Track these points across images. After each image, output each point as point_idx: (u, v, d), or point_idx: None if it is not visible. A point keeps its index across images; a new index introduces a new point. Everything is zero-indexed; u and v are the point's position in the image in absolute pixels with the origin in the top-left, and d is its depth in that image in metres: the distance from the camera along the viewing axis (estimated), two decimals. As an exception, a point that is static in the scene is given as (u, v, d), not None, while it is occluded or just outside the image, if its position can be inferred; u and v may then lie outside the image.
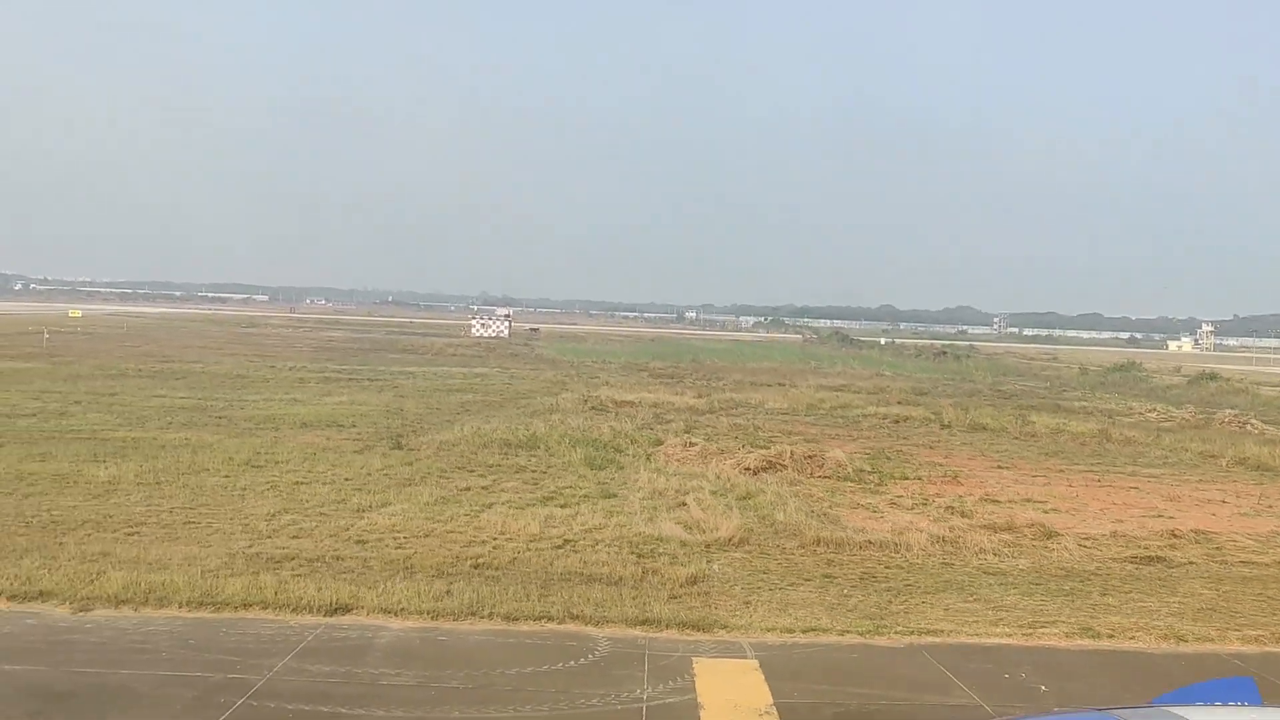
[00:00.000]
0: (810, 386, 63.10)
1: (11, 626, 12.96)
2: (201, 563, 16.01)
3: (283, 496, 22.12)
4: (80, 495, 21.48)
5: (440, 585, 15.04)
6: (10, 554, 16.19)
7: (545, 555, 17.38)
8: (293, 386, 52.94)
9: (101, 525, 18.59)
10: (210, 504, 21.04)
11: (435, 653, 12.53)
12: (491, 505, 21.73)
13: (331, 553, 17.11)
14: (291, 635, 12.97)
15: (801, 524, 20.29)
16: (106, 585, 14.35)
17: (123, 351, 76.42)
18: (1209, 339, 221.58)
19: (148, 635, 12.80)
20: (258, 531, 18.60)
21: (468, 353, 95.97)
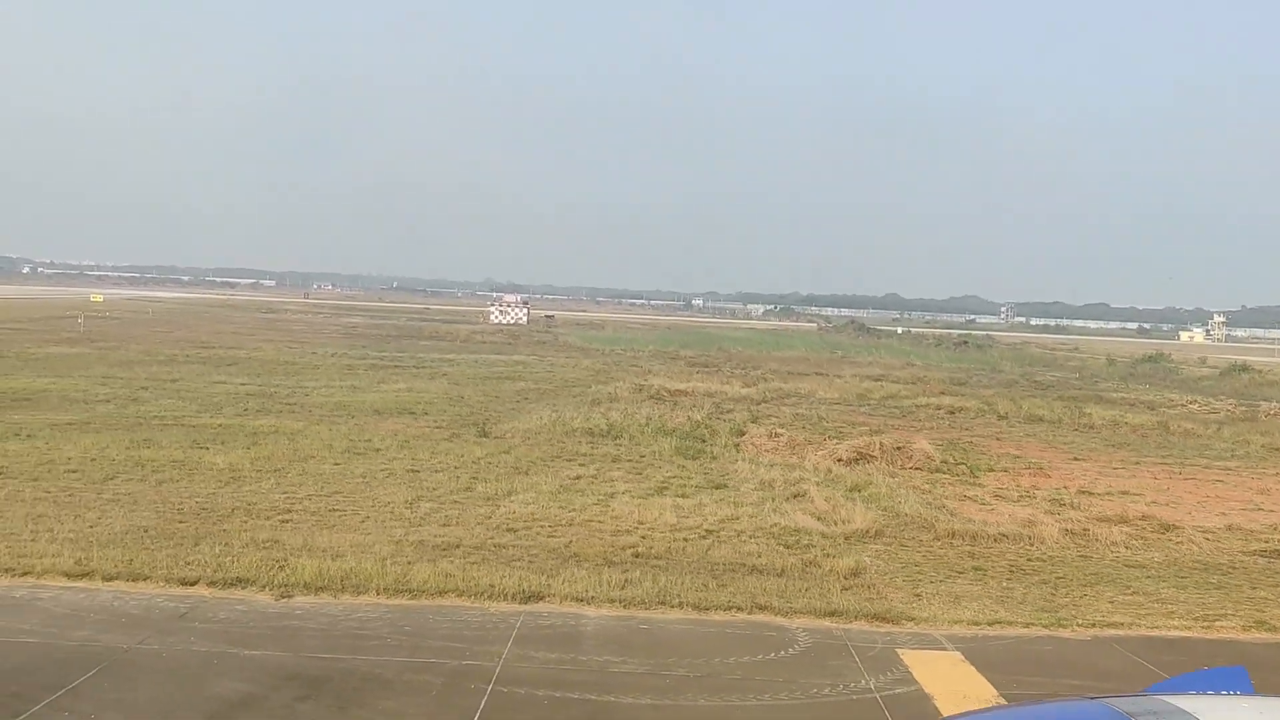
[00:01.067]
0: (851, 377, 63.40)
1: (227, 612, 13.28)
2: (373, 550, 16.33)
3: (408, 484, 22.44)
4: (210, 482, 21.79)
5: (614, 574, 15.35)
6: (184, 541, 16.51)
7: (695, 545, 17.69)
8: (344, 373, 53.20)
9: (251, 512, 18.90)
10: (342, 492, 21.34)
11: (645, 641, 12.84)
12: (614, 495, 22.03)
13: (490, 541, 17.43)
14: (500, 623, 13.29)
15: (927, 516, 20.61)
16: (298, 573, 14.66)
17: (159, 337, 76.70)
18: (1220, 330, 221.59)
19: (363, 622, 13.12)
20: (406, 519, 18.92)
21: (495, 340, 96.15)
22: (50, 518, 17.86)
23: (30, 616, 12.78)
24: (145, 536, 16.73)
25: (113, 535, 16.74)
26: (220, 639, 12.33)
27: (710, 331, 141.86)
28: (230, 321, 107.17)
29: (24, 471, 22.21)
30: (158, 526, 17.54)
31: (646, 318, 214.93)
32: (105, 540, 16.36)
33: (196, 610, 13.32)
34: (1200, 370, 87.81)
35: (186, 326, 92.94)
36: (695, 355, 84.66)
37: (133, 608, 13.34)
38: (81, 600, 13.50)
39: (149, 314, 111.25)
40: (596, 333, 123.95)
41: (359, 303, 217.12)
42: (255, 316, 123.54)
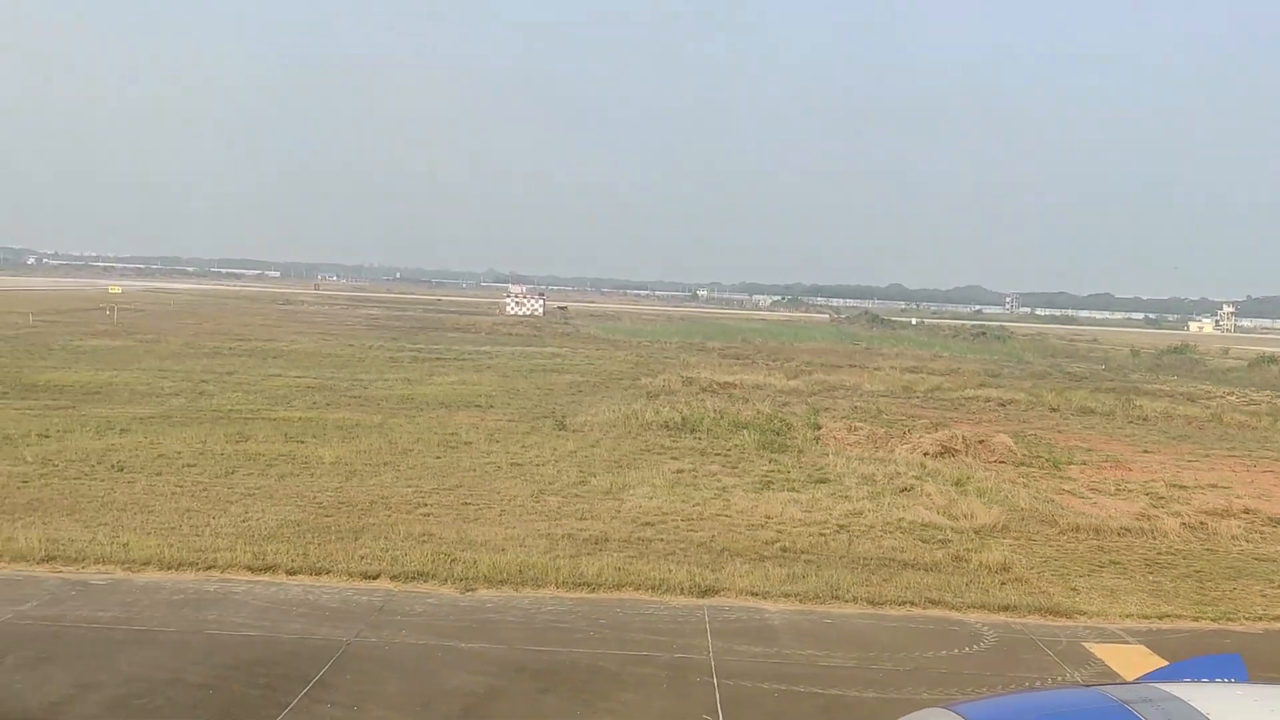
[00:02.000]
0: (891, 369, 63.66)
1: (420, 606, 13.57)
2: (527, 543, 16.63)
3: (520, 478, 22.73)
4: (329, 476, 22.08)
5: (775, 569, 15.63)
6: (342, 535, 16.80)
7: (835, 540, 17.98)
8: (390, 366, 53.41)
9: (388, 506, 19.20)
10: (463, 485, 21.63)
11: (837, 635, 13.14)
12: (725, 489, 22.33)
13: (635, 535, 17.72)
14: (687, 616, 13.60)
15: (1043, 511, 20.92)
16: (474, 567, 14.95)
17: (190, 329, 76.83)
18: (1230, 320, 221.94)
19: (557, 615, 13.41)
20: (539, 513, 19.22)
21: (519, 331, 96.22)
22: (198, 512, 18.15)
23: (237, 610, 13.06)
24: (304, 530, 17.02)
25: (270, 529, 17.03)
26: (428, 632, 12.62)
27: (726, 323, 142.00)
28: (251, 313, 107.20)
29: (143, 466, 22.49)
30: (307, 521, 17.83)
31: (657, 309, 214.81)
32: (266, 534, 16.65)
33: (391, 604, 13.60)
34: (1226, 361, 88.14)
35: (212, 318, 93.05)
36: (722, 347, 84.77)
37: (329, 601, 13.62)
38: (276, 594, 13.78)
39: (171, 306, 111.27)
40: (614, 324, 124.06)
41: (370, 294, 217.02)
42: (273, 308, 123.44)
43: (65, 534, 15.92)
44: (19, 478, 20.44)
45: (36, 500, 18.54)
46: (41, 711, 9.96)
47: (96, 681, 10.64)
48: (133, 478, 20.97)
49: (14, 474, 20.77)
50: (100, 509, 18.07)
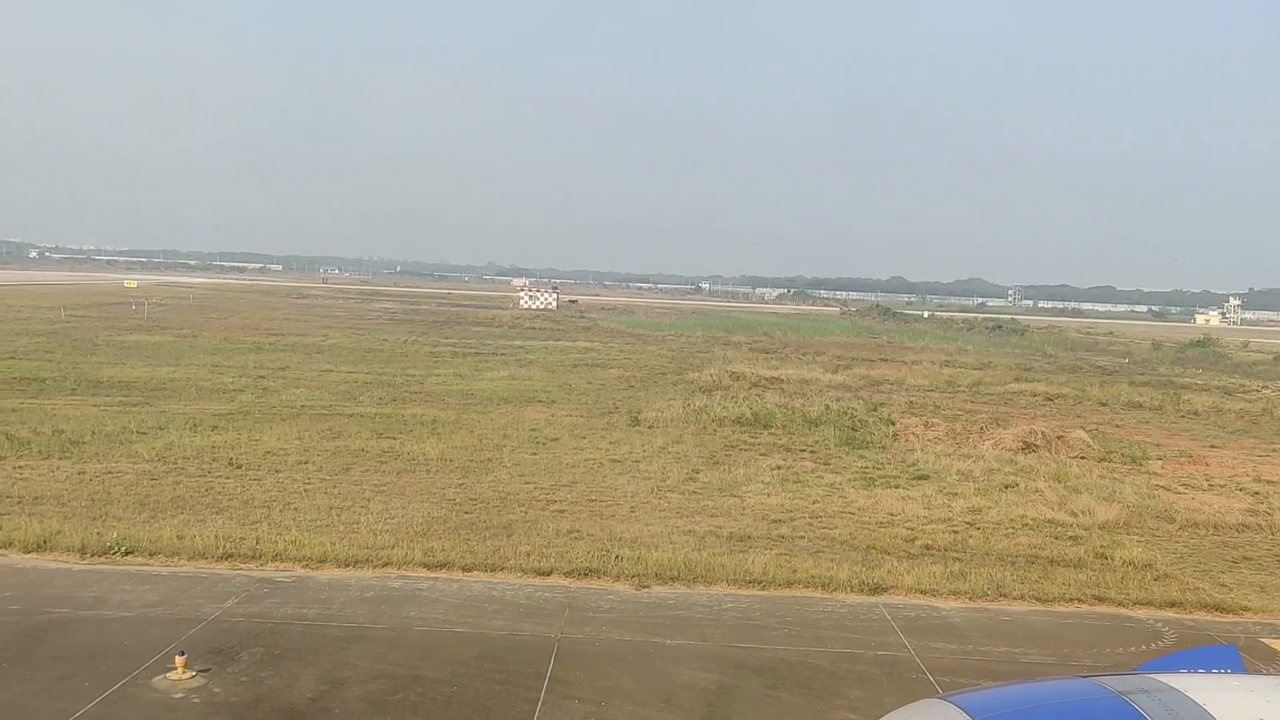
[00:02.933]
0: (930, 363, 63.93)
1: (605, 602, 13.83)
2: (676, 540, 16.92)
3: (627, 474, 23.01)
4: (443, 472, 22.36)
5: (933, 567, 15.87)
6: (491, 531, 17.05)
7: (969, 537, 18.26)
8: (433, 360, 53.59)
9: (518, 502, 19.50)
10: (580, 482, 21.89)
11: (1021, 632, 13.42)
12: (833, 485, 22.59)
13: (771, 532, 18.02)
14: (868, 613, 13.90)
15: (1156, 506, 21.21)
16: (639, 564, 15.20)
17: (220, 323, 76.87)
18: (1236, 312, 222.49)
19: (744, 612, 13.68)
20: (666, 509, 19.51)
21: (540, 325, 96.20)
22: (342, 509, 18.41)
23: (433, 607, 13.29)
24: (455, 527, 17.28)
25: (421, 526, 17.29)
26: (626, 627, 12.88)
27: (740, 316, 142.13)
28: (270, 307, 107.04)
29: (256, 463, 22.71)
30: (451, 518, 18.09)
31: (664, 302, 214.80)
32: (420, 531, 16.91)
33: (577, 600, 13.85)
34: (1249, 355, 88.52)
35: (235, 312, 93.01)
36: (747, 340, 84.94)
37: (515, 597, 13.87)
38: (461, 590, 14.02)
39: (190, 300, 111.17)
40: (629, 318, 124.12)
41: (378, 288, 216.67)
42: (289, 302, 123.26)
43: (228, 531, 16.13)
44: (147, 475, 20.66)
45: (179, 498, 18.76)
46: (306, 706, 10.20)
47: (342, 678, 10.88)
48: (256, 475, 21.20)
49: (141, 472, 20.99)
50: (245, 506, 18.31)
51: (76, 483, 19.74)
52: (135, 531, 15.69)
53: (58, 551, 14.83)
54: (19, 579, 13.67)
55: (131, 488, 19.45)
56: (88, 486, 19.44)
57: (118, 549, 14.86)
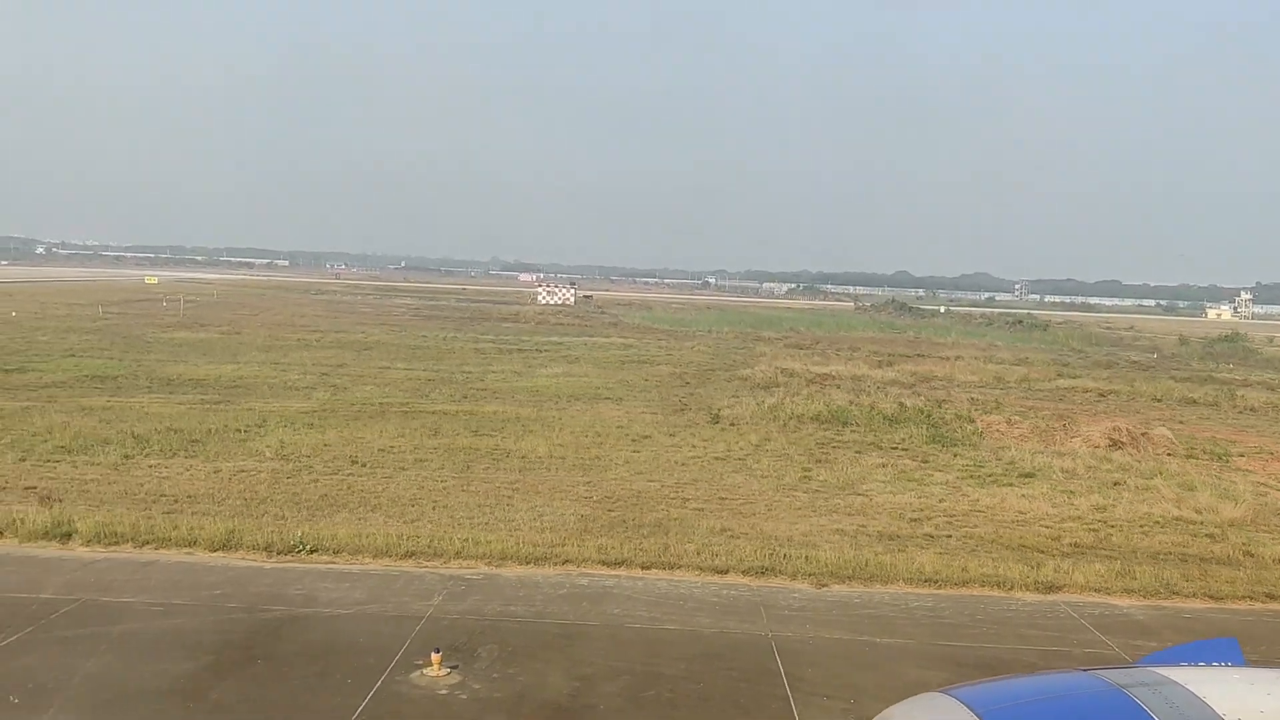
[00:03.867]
0: (975, 358, 64.18)
1: (793, 600, 14.07)
2: (828, 539, 17.19)
3: (743, 472, 23.27)
4: (563, 469, 22.65)
5: (1096, 566, 16.08)
6: (648, 530, 17.29)
7: (1106, 535, 18.51)
8: (479, 357, 53.82)
9: (655, 501, 19.73)
10: (699, 480, 22.15)
11: (1209, 629, 13.62)
12: (950, 485, 22.83)
13: (917, 531, 18.27)
14: (1052, 610, 14.15)
15: (1274, 504, 21.43)
16: (809, 563, 15.43)
17: (256, 320, 77.03)
18: (1247, 307, 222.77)
19: (932, 610, 13.91)
20: (805, 508, 19.77)
21: (566, 321, 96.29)
22: (488, 506, 18.67)
23: (631, 604, 13.51)
24: (610, 526, 17.52)
25: (575, 523, 17.53)
26: (829, 625, 13.11)
27: (758, 312, 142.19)
28: (295, 304, 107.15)
29: (378, 461, 22.96)
30: (598, 516, 18.34)
31: (677, 297, 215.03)
32: (577, 528, 17.15)
33: (767, 598, 14.09)
34: (1278, 350, 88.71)
35: (264, 309, 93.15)
36: (778, 336, 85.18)
37: (703, 594, 14.11)
38: (647, 588, 14.25)
39: (214, 296, 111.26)
40: (649, 314, 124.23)
41: (392, 283, 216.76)
42: (311, 298, 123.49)
43: (394, 529, 16.36)
44: (281, 474, 20.90)
45: (327, 496, 19.01)
46: (568, 702, 10.44)
47: (586, 674, 11.10)
48: (386, 473, 21.46)
49: (273, 470, 21.24)
50: (394, 504, 18.57)
51: (218, 481, 19.97)
52: (307, 529, 15.90)
53: (244, 550, 15.05)
54: (221, 577, 13.90)
55: (276, 486, 19.69)
56: (232, 485, 19.68)
57: (302, 547, 15.09)
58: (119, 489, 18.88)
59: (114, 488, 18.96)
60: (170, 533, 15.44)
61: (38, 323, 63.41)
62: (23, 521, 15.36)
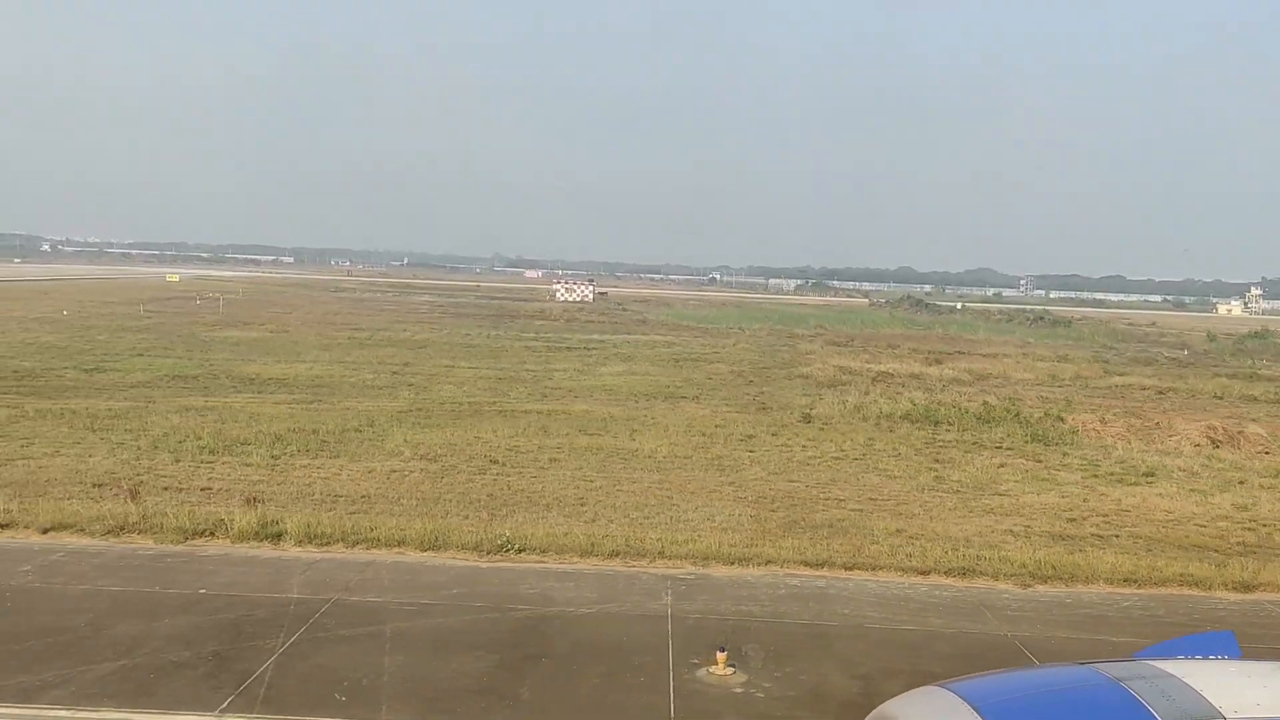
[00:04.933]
0: (1023, 356, 64.56)
1: (1009, 601, 14.32)
2: (1005, 539, 17.50)
3: (873, 472, 23.59)
4: (696, 469, 22.99)
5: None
6: (813, 529, 17.57)
7: (1271, 534, 18.82)
8: (533, 355, 54.07)
9: (806, 500, 20.03)
10: (835, 481, 22.43)
11: None
12: (1081, 484, 23.12)
13: (1079, 531, 18.57)
14: (1265, 610, 14.41)
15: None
16: (1006, 564, 15.70)
17: (295, 318, 77.19)
18: (1259, 302, 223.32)
19: (1148, 610, 14.18)
20: (959, 508, 20.05)
21: (594, 319, 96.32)
22: (648, 506, 18.94)
23: (854, 605, 13.76)
24: (783, 524, 17.83)
25: (747, 524, 17.82)
26: (1063, 625, 13.36)
27: (776, 308, 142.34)
28: (321, 302, 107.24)
29: (513, 460, 23.22)
30: (765, 516, 18.62)
31: (687, 293, 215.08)
32: (756, 530, 17.42)
33: (986, 600, 14.30)
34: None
35: (295, 307, 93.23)
36: (810, 333, 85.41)
37: (921, 596, 14.35)
38: (856, 589, 14.45)
39: (239, 294, 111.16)
40: (670, 310, 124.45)
41: (404, 280, 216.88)
42: (334, 296, 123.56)
43: (587, 529, 16.63)
44: (433, 474, 21.17)
45: (494, 496, 19.29)
46: (861, 699, 10.67)
47: (864, 673, 11.34)
48: (533, 472, 21.74)
49: (425, 470, 21.50)
50: (560, 504, 18.84)
51: (379, 481, 20.24)
52: (507, 529, 16.16)
53: (453, 550, 15.30)
54: (447, 576, 14.13)
55: (439, 485, 19.96)
56: (394, 485, 19.94)
57: (510, 547, 15.34)
58: (291, 489, 19.13)
59: (285, 488, 19.21)
60: (374, 533, 15.67)
61: (87, 321, 63.56)
62: (231, 522, 15.58)
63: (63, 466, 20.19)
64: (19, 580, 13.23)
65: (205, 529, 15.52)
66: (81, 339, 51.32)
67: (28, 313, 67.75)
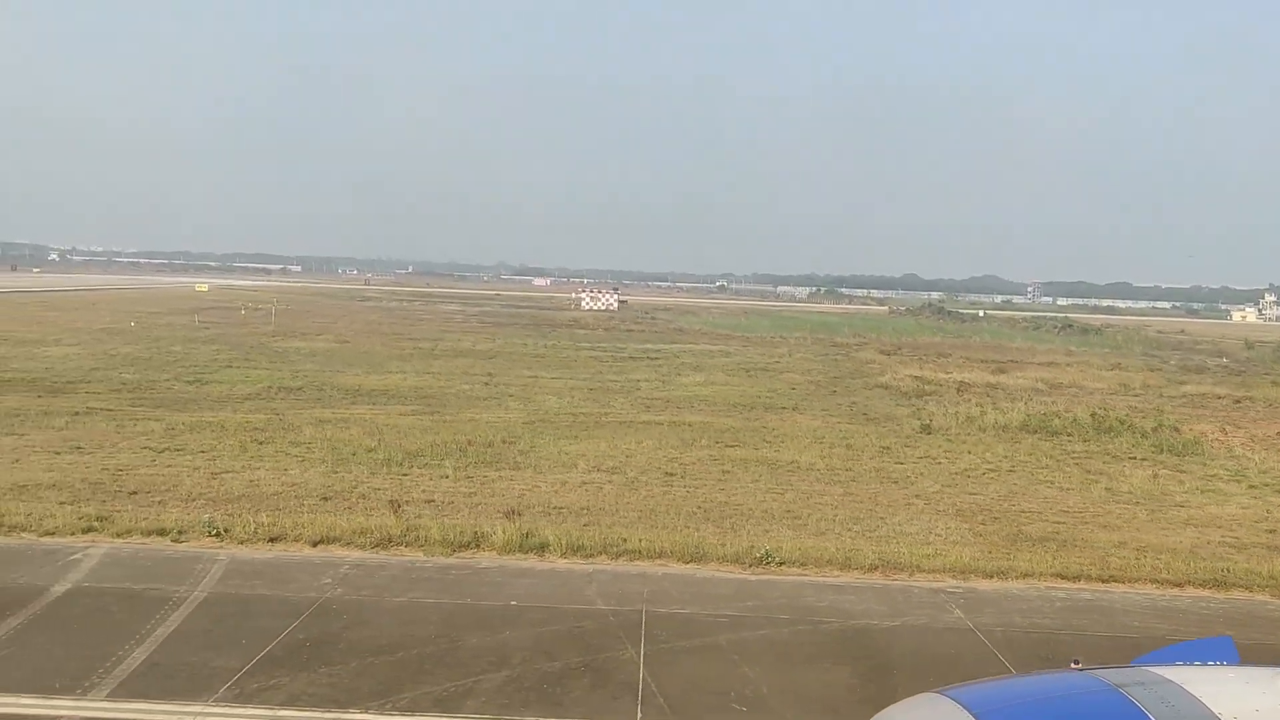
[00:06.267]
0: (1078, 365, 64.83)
1: (1257, 610, 14.61)
2: (1221, 551, 17.79)
3: (1042, 484, 23.85)
4: (863, 482, 23.20)
5: None
6: (1041, 543, 17.84)
7: None
8: (606, 365, 54.21)
9: (999, 513, 20.29)
10: (1015, 492, 22.68)
11: None
12: (1260, 496, 23.41)
13: (1278, 541, 18.88)
14: None
15: None
16: (1254, 576, 15.99)
17: (338, 328, 77.18)
18: (1272, 308, 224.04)
19: None
20: (1158, 520, 20.34)
21: (632, 328, 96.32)
22: (860, 519, 19.19)
23: (1141, 616, 14.05)
24: (1006, 538, 18.12)
25: (967, 538, 18.10)
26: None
27: (803, 316, 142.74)
28: (355, 311, 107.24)
29: (684, 472, 23.45)
30: (979, 529, 18.89)
31: (700, 301, 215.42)
32: (985, 544, 17.69)
33: (1255, 611, 14.61)
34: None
35: (336, 317, 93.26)
36: (853, 342, 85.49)
37: (1188, 606, 14.64)
38: (1122, 600, 14.77)
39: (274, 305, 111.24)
40: (697, 318, 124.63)
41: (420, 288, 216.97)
42: (363, 305, 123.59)
43: (837, 543, 16.91)
44: (620, 487, 21.38)
45: (703, 508, 19.52)
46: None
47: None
48: (711, 484, 22.01)
49: (610, 483, 21.72)
50: (781, 517, 19.08)
51: (581, 493, 20.47)
52: (765, 543, 16.41)
53: (714, 562, 15.56)
54: (727, 589, 14.37)
55: (637, 497, 20.21)
56: (598, 496, 20.17)
57: (771, 560, 15.60)
58: (501, 501, 19.35)
59: (496, 500, 19.44)
60: (626, 545, 15.92)
61: (150, 333, 63.69)
62: (492, 535, 15.84)
63: (271, 480, 20.41)
64: (329, 593, 13.48)
65: (467, 542, 15.74)
66: (159, 351, 51.47)
67: (88, 323, 67.90)
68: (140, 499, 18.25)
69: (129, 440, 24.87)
